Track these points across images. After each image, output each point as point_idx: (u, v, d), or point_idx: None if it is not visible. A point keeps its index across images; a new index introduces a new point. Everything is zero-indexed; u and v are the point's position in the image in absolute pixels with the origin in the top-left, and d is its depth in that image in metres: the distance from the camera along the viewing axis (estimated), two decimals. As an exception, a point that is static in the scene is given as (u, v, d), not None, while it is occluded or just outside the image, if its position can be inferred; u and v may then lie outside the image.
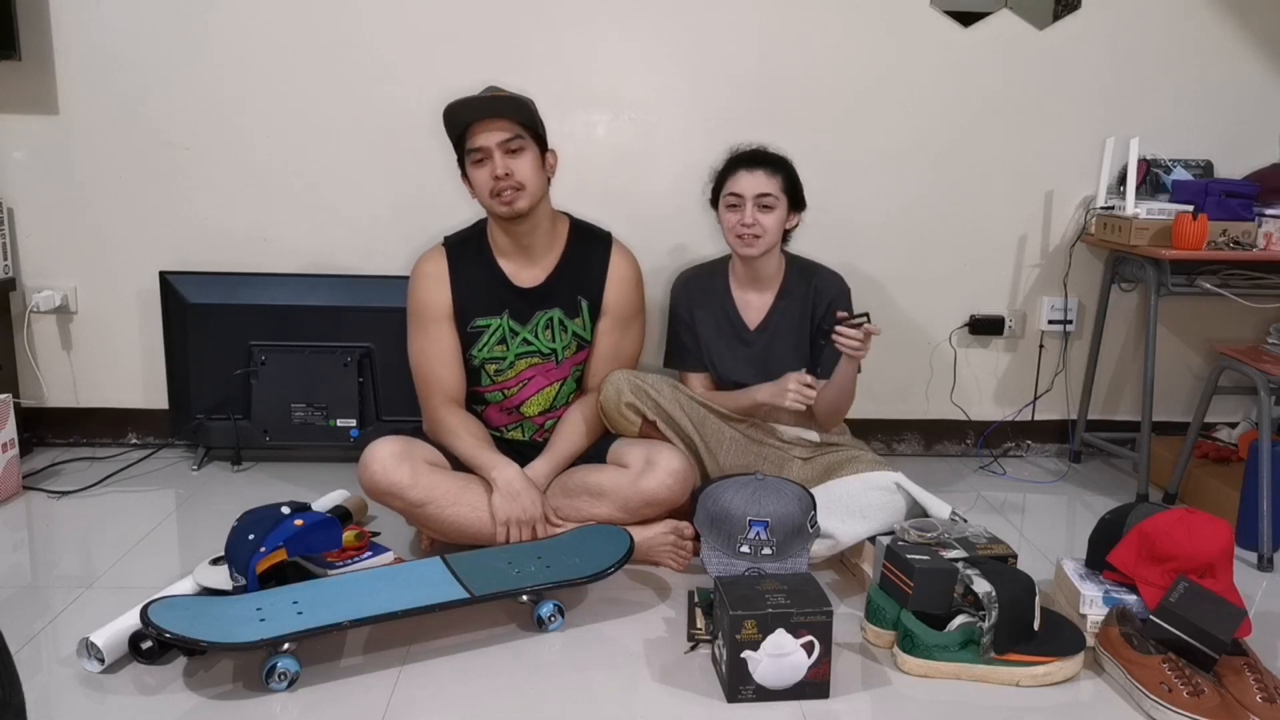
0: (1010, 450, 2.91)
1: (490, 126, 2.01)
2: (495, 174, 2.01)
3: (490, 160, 2.01)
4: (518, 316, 2.13)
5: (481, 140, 2.01)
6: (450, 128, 2.06)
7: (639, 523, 2.03)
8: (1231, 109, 2.71)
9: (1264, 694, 1.53)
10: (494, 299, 2.13)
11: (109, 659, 1.62)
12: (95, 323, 2.72)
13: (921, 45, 2.65)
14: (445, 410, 2.12)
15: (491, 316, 2.13)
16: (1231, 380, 2.52)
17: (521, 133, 2.03)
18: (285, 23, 2.57)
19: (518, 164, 2.02)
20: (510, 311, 2.13)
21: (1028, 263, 2.80)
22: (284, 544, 1.75)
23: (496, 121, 2.01)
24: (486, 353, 2.14)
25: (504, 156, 2.01)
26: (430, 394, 2.14)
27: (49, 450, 2.75)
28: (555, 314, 2.14)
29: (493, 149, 2.00)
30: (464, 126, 2.03)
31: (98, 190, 2.64)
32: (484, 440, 2.11)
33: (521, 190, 2.03)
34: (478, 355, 2.14)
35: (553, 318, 2.14)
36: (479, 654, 1.72)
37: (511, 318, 2.13)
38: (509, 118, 2.01)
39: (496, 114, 2.01)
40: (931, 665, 1.66)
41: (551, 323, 2.14)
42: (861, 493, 2.03)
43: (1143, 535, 1.76)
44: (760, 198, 2.15)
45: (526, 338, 2.14)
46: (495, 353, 2.14)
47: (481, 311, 2.13)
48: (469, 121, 2.02)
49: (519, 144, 2.02)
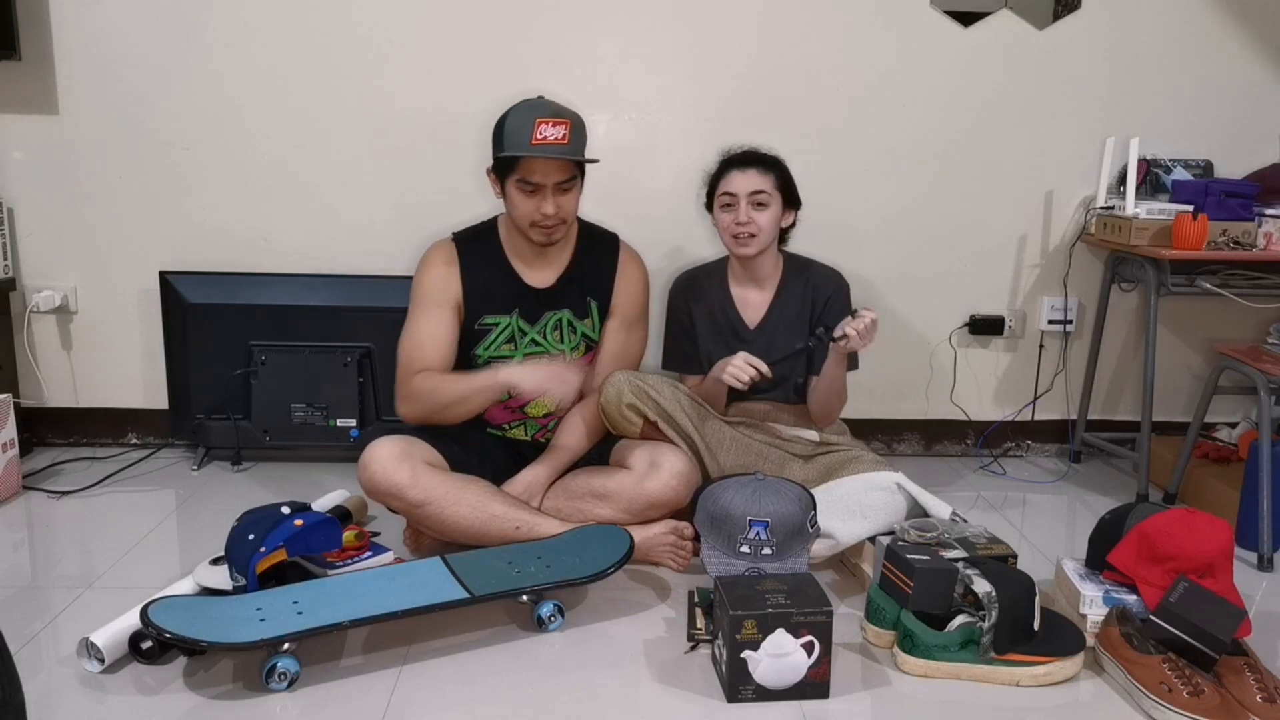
0: (1010, 450, 2.91)
1: (551, 166, 1.96)
2: (545, 210, 1.98)
3: (542, 195, 1.98)
4: (527, 316, 2.13)
5: (539, 178, 1.96)
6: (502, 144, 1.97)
7: (639, 523, 2.03)
8: (1231, 109, 2.71)
9: (1264, 694, 1.53)
10: (505, 297, 2.12)
11: (109, 659, 1.62)
12: (95, 323, 2.72)
13: (921, 45, 2.65)
14: (414, 377, 2.04)
15: (501, 315, 2.12)
16: (1231, 380, 2.52)
17: (577, 173, 2.01)
18: (285, 23, 2.57)
19: (566, 200, 2.01)
20: (520, 311, 2.12)
21: (1028, 263, 2.80)
22: (284, 544, 1.75)
23: (558, 162, 1.97)
24: (493, 351, 2.13)
25: (556, 195, 1.99)
26: (407, 372, 2.05)
27: (49, 450, 2.75)
28: (565, 315, 2.14)
29: (548, 187, 1.97)
30: (517, 155, 1.95)
31: (98, 190, 2.64)
32: (464, 374, 2.07)
33: (563, 224, 2.03)
34: (483, 354, 2.13)
35: (562, 319, 2.14)
36: (479, 654, 1.72)
37: (521, 317, 2.12)
38: (573, 160, 1.98)
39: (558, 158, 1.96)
40: (931, 665, 1.66)
41: (561, 324, 2.14)
42: (862, 493, 2.03)
43: (1143, 535, 1.76)
44: (754, 195, 2.15)
45: (535, 338, 2.13)
46: (502, 352, 2.13)
47: (491, 309, 2.12)
48: (524, 156, 1.94)
49: (572, 184, 2.01)
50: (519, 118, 1.97)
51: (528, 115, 1.96)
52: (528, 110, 1.98)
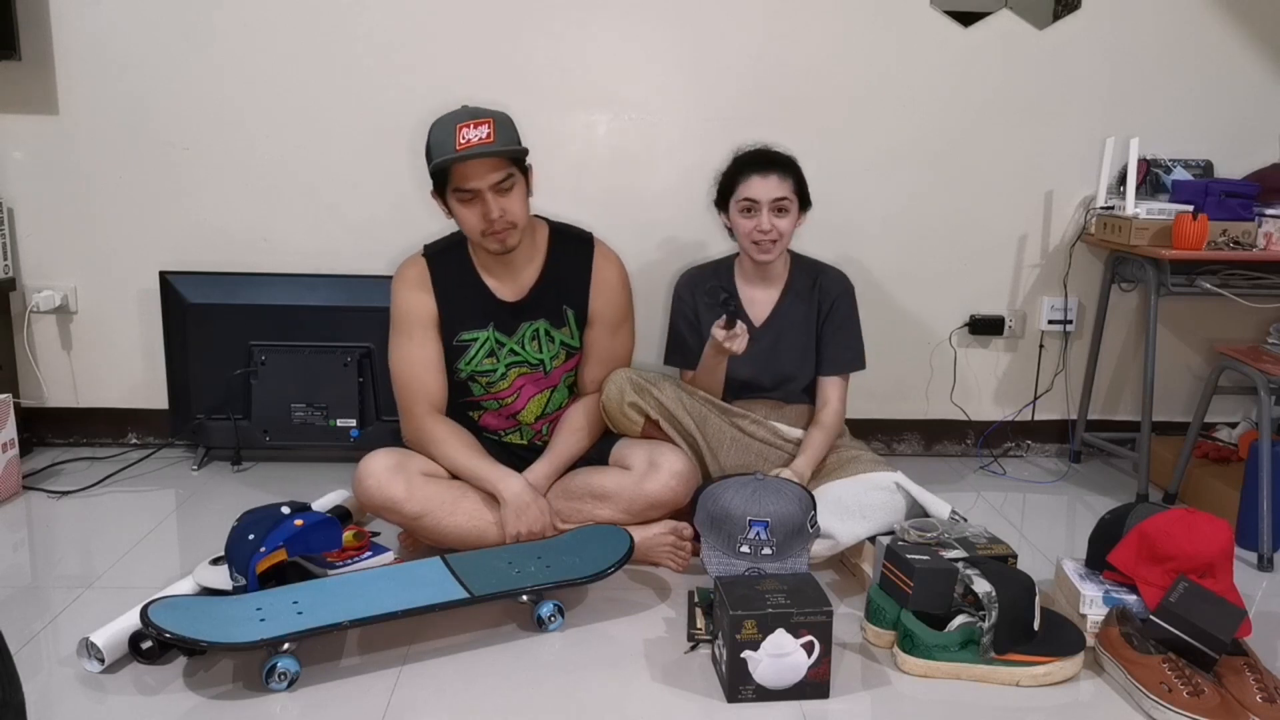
0: (1010, 450, 2.91)
1: (482, 167, 1.89)
2: (489, 216, 1.92)
3: (481, 201, 1.92)
4: (503, 329, 2.09)
5: (473, 182, 1.90)
6: (430, 158, 1.94)
7: (639, 523, 2.03)
8: (1231, 109, 2.71)
9: (1264, 694, 1.53)
10: (478, 312, 2.08)
11: (109, 659, 1.62)
12: (95, 323, 2.72)
13: (921, 45, 2.65)
14: (430, 420, 2.06)
15: (477, 330, 2.09)
16: (1231, 380, 2.52)
17: (512, 170, 1.94)
18: (285, 23, 2.57)
19: (509, 202, 1.93)
20: (496, 324, 2.09)
21: (1028, 263, 2.80)
22: (284, 544, 1.75)
23: (487, 161, 1.90)
24: (475, 365, 2.10)
25: (496, 197, 1.92)
26: (414, 401, 2.07)
27: (49, 450, 2.75)
28: (541, 325, 2.10)
29: (484, 190, 1.91)
30: (445, 162, 1.89)
31: (98, 190, 2.64)
32: (477, 450, 2.07)
33: (513, 228, 1.96)
34: (464, 368, 2.10)
35: (539, 329, 2.10)
36: (479, 654, 1.72)
37: (497, 330, 2.09)
38: (499, 155, 1.90)
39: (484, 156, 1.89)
40: (931, 665, 1.66)
41: (538, 334, 2.11)
42: (862, 493, 2.03)
43: (1143, 535, 1.76)
44: (776, 202, 2.15)
45: (514, 349, 2.10)
46: (484, 365, 2.10)
47: (467, 324, 2.09)
48: (453, 160, 1.88)
49: (510, 182, 1.94)
50: (441, 130, 1.92)
51: (449, 124, 1.90)
52: (448, 119, 1.92)
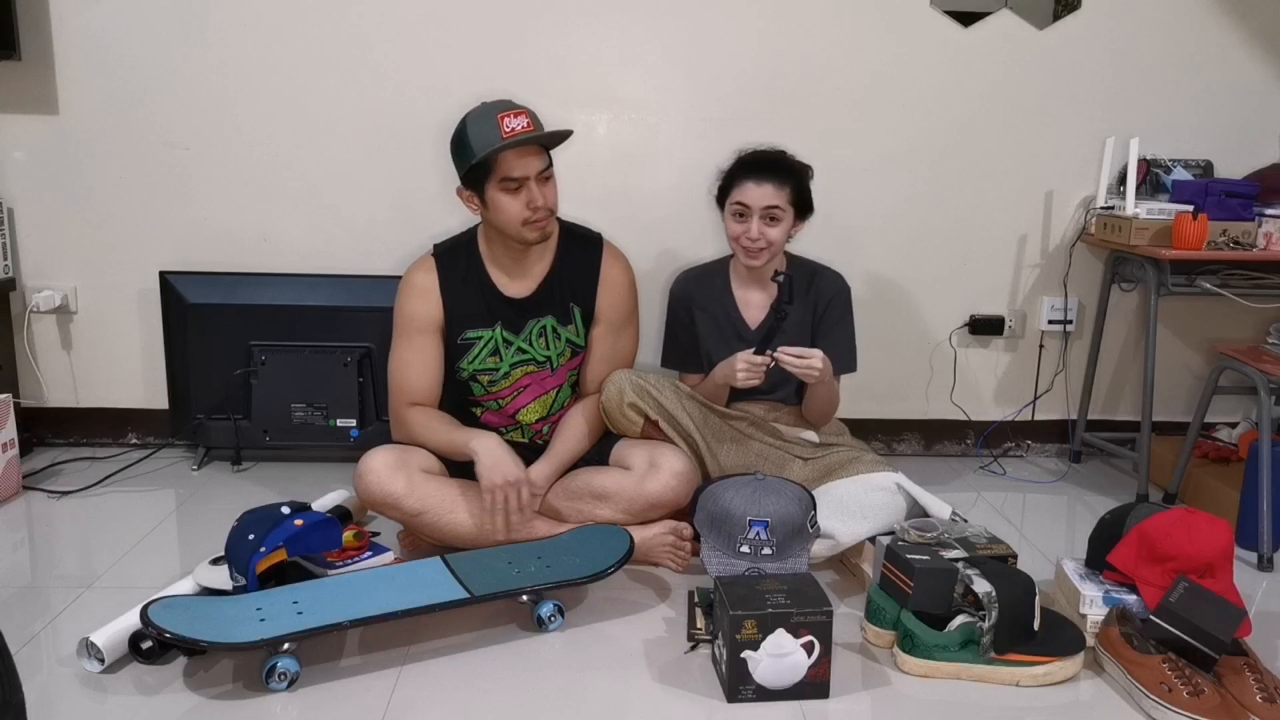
0: (1010, 450, 2.91)
1: (528, 154, 1.95)
2: (534, 204, 1.96)
3: (527, 190, 1.96)
4: (510, 327, 2.10)
5: (520, 170, 1.94)
6: (472, 150, 1.94)
7: (639, 523, 2.03)
8: (1231, 109, 2.71)
9: (1264, 694, 1.53)
10: (485, 311, 2.10)
11: (109, 659, 1.62)
12: (95, 323, 2.72)
13: (921, 45, 2.65)
14: (409, 410, 2.08)
15: (483, 329, 2.10)
16: (1231, 380, 2.52)
17: (551, 160, 2.00)
18: (285, 22, 2.57)
19: (549, 190, 2.00)
20: (503, 323, 2.10)
21: (1028, 263, 2.80)
22: (284, 544, 1.75)
23: (532, 149, 1.95)
24: (477, 365, 2.11)
25: (540, 186, 1.97)
26: (398, 401, 2.10)
27: (49, 450, 2.75)
28: (548, 321, 2.12)
29: (530, 179, 1.96)
30: (494, 151, 1.93)
31: (98, 190, 2.64)
32: (453, 423, 2.09)
33: (552, 216, 2.03)
34: (466, 368, 2.11)
35: (546, 325, 2.12)
36: (479, 654, 1.72)
37: (505, 328, 2.10)
38: (544, 146, 1.98)
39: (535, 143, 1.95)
40: (931, 665, 1.66)
41: (545, 330, 2.12)
42: (862, 493, 2.03)
43: (1143, 535, 1.76)
44: (767, 210, 2.13)
45: (521, 346, 2.11)
46: (487, 364, 2.11)
47: (473, 324, 2.09)
48: (502, 149, 1.92)
49: (550, 170, 2.00)
50: (480, 121, 1.94)
51: (488, 115, 1.94)
52: (485, 111, 1.95)
